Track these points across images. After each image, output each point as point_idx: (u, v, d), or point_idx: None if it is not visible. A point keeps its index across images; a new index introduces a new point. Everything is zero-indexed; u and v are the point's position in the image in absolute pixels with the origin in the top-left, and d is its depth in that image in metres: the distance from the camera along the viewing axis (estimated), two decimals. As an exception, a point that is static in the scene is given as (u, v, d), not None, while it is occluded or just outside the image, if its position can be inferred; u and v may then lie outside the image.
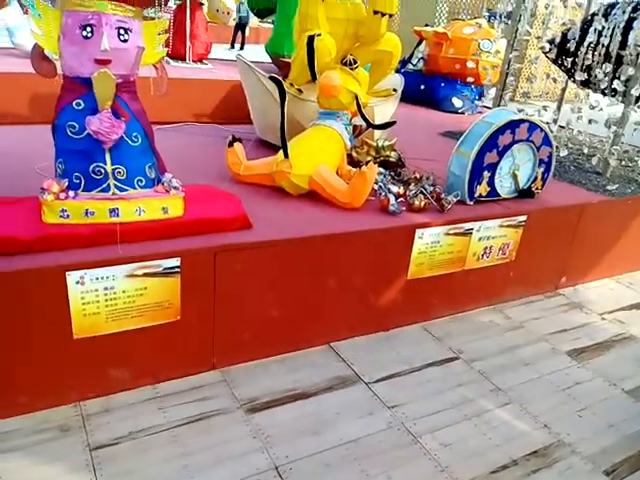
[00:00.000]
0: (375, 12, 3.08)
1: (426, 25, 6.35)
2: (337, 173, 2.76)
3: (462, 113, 5.47)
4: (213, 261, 2.02)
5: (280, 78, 2.61)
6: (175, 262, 1.95)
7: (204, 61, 5.90)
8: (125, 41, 1.86)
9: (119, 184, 1.96)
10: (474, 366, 2.45)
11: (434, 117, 5.20)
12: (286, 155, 2.54)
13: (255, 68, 3.23)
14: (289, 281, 2.25)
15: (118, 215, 1.97)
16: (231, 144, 2.73)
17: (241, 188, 2.62)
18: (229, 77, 4.46)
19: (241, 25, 14.96)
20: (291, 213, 2.45)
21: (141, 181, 2.01)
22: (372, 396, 2.18)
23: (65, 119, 1.88)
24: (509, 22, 4.16)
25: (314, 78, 3.02)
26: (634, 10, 3.34)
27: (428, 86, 5.67)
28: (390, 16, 3.13)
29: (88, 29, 1.78)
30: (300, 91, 3.18)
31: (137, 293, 1.94)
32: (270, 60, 6.12)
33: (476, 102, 5.59)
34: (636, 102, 3.40)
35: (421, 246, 2.52)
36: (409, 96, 4.69)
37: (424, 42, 5.90)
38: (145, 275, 1.92)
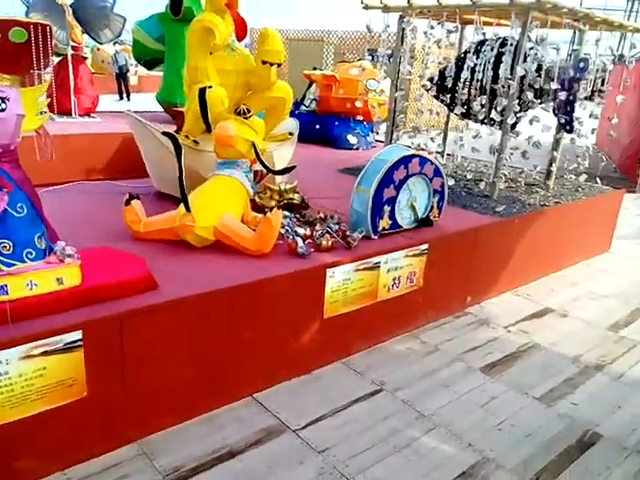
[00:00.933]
0: (264, 62, 3.16)
1: (314, 68, 6.62)
2: (242, 221, 2.75)
3: (357, 149, 5.71)
4: (119, 329, 1.91)
5: (173, 132, 2.58)
6: (76, 335, 1.82)
7: (92, 115, 5.73)
8: (2, 110, 1.77)
9: (6, 259, 1.81)
10: (398, 395, 2.49)
11: (331, 155, 5.38)
12: (188, 208, 2.49)
13: (146, 123, 3.18)
14: (203, 337, 2.18)
15: (7, 292, 1.82)
16: (128, 202, 2.64)
17: (143, 246, 2.52)
18: (120, 130, 4.35)
19: (121, 75, 14.73)
20: (199, 267, 2.39)
21: (30, 253, 1.87)
22: (301, 443, 2.14)
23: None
24: (390, 63, 4.43)
25: (209, 129, 3.03)
26: (501, 45, 3.69)
27: (323, 125, 5.87)
28: (279, 65, 3.23)
29: (-43, 99, 1.68)
30: (196, 142, 3.16)
31: (36, 375, 1.78)
32: (162, 109, 6.05)
33: (369, 138, 5.86)
34: (512, 129, 3.73)
35: (333, 285, 2.55)
36: (305, 136, 4.82)
37: (314, 84, 6.13)
38: (44, 354, 1.77)
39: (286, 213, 2.96)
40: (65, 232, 2.06)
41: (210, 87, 3.02)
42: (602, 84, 4.01)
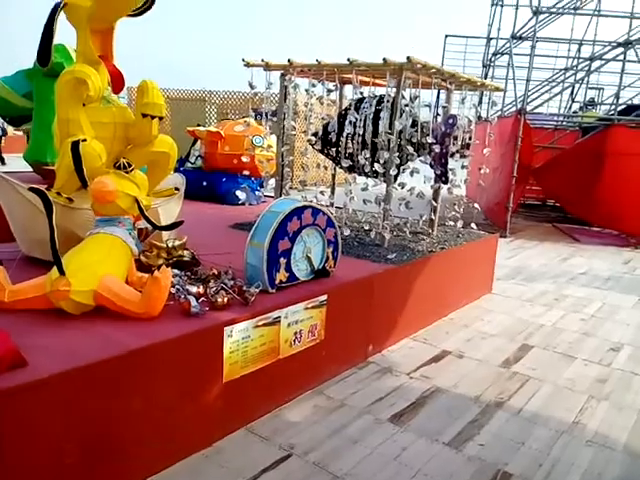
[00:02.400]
0: (144, 115, 3.02)
1: (198, 125, 6.55)
2: (127, 282, 2.50)
3: (246, 204, 5.64)
4: (-26, 420, 1.58)
5: (43, 188, 2.31)
6: None
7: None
8: None
9: None
10: (309, 459, 2.32)
11: (221, 211, 5.25)
12: (61, 271, 2.21)
13: (11, 179, 2.84)
14: (85, 416, 1.88)
15: None
16: (-12, 269, 2.29)
17: (8, 318, 2.17)
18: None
19: None
20: (76, 337, 2.09)
21: None
22: (205, 531, 1.88)
23: None
24: (275, 120, 4.49)
25: (85, 185, 2.78)
26: (379, 103, 3.89)
27: (210, 182, 5.75)
28: (160, 118, 3.10)
29: None
30: (70, 200, 2.88)
31: None
32: (31, 169, 5.60)
33: (258, 193, 5.83)
34: (395, 181, 3.89)
35: (232, 344, 2.37)
36: (192, 193, 4.66)
37: (199, 141, 6.03)
38: None
39: (176, 271, 2.76)
40: None
41: (84, 140, 2.79)
42: (469, 138, 4.37)
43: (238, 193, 5.61)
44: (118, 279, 2.40)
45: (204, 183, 5.72)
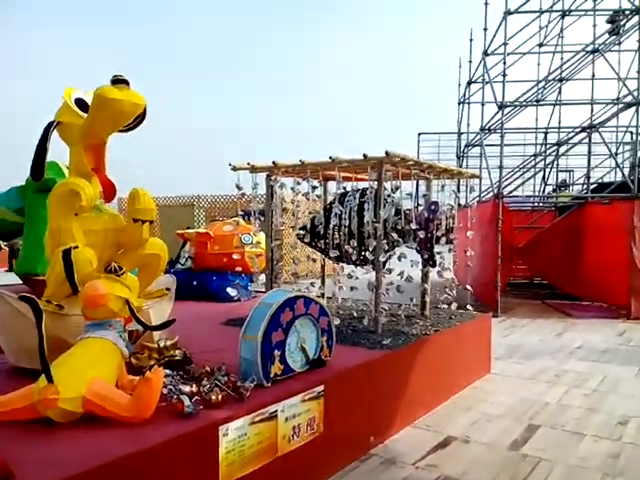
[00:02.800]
0: (135, 220, 3.12)
1: (187, 228, 6.71)
2: (117, 385, 2.44)
3: (238, 300, 5.65)
4: None
5: (33, 296, 2.33)
6: None
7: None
8: None
9: None
10: None
11: (212, 309, 5.23)
12: (50, 379, 2.16)
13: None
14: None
15: None
16: (-25, 381, 2.24)
17: (-6, 431, 2.10)
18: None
19: None
20: (66, 446, 2.01)
21: None
22: None
23: None
24: (262, 218, 4.64)
25: (76, 292, 2.81)
26: (362, 195, 4.08)
27: (200, 281, 5.79)
28: (151, 222, 3.20)
29: None
30: (60, 307, 2.89)
31: None
32: (21, 281, 5.63)
33: (249, 288, 5.86)
34: (383, 267, 3.96)
35: (228, 444, 2.28)
36: (183, 294, 4.66)
37: (188, 243, 6.15)
38: None
39: (167, 371, 2.70)
40: None
41: (76, 247, 2.86)
42: (452, 223, 4.52)
43: (229, 290, 5.63)
44: (107, 383, 2.35)
45: (195, 283, 5.76)
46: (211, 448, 2.24)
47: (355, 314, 4.40)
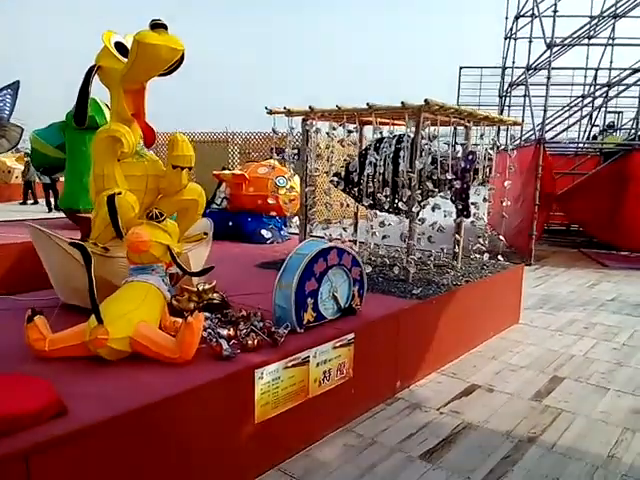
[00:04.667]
0: (174, 167, 3.18)
1: (223, 168, 6.76)
2: (160, 327, 2.60)
3: (272, 242, 5.76)
4: (25, 467, 1.67)
5: (82, 243, 2.45)
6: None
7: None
8: None
9: None
10: (340, 501, 2.34)
11: (247, 250, 5.37)
12: (100, 320, 2.32)
13: (51, 233, 3.01)
14: (128, 464, 1.95)
15: None
16: (31, 319, 2.42)
17: (50, 366, 2.29)
18: (15, 240, 4.07)
19: (28, 183, 14.42)
20: (115, 383, 2.19)
21: None
22: None
23: None
24: (298, 161, 4.64)
25: (120, 236, 2.93)
26: (398, 142, 4.01)
27: (236, 222, 5.91)
28: (190, 169, 3.25)
29: None
30: (106, 249, 3.03)
31: None
32: (64, 215, 5.86)
33: (283, 232, 5.96)
34: (416, 217, 3.96)
35: (263, 386, 2.44)
36: (219, 234, 4.79)
37: (224, 183, 6.23)
38: None
39: (207, 314, 2.85)
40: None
41: (119, 193, 2.95)
42: (490, 172, 4.44)
43: (264, 232, 5.74)
44: (152, 326, 2.51)
45: (230, 223, 5.88)
46: (247, 390, 2.40)
47: (387, 261, 4.45)
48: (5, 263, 3.95)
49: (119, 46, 3.15)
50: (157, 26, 2.80)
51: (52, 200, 13.90)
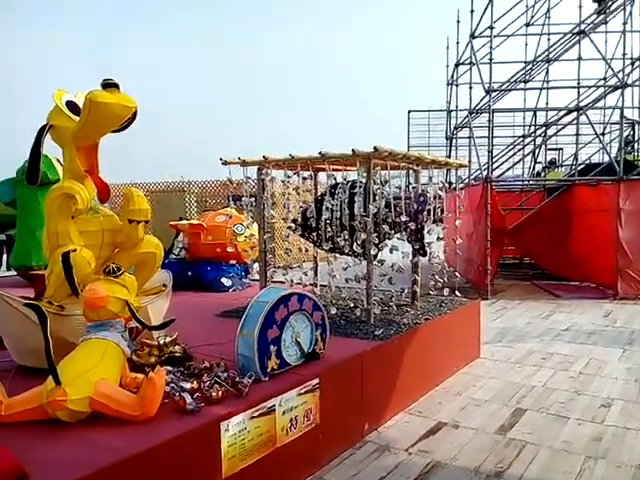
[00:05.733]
0: (130, 221, 3.18)
1: (180, 219, 6.76)
2: (121, 384, 2.54)
3: (233, 290, 5.74)
4: None
5: (37, 302, 2.40)
6: None
7: None
8: None
9: None
10: None
11: (207, 300, 5.32)
12: (57, 381, 2.26)
13: (3, 293, 2.92)
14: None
15: None
16: (-15, 385, 2.32)
17: (6, 432, 2.19)
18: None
19: None
20: (75, 446, 2.12)
21: None
22: None
23: None
24: (254, 209, 4.71)
25: (76, 293, 2.88)
26: (352, 187, 4.14)
27: (195, 272, 5.87)
28: (146, 222, 3.26)
29: None
30: (62, 307, 2.96)
31: None
32: (16, 273, 5.70)
33: (243, 279, 5.95)
34: (375, 258, 4.05)
35: (229, 439, 2.40)
36: (178, 284, 4.73)
37: (181, 233, 6.21)
38: None
39: (168, 368, 2.80)
40: None
41: (74, 250, 2.92)
42: (442, 212, 4.61)
43: (224, 280, 5.73)
44: (112, 383, 2.45)
45: (189, 273, 5.84)
46: (213, 443, 2.35)
47: (349, 304, 4.50)
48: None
49: (71, 105, 3.18)
50: (109, 85, 2.86)
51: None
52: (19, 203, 5.74)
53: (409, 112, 21.95)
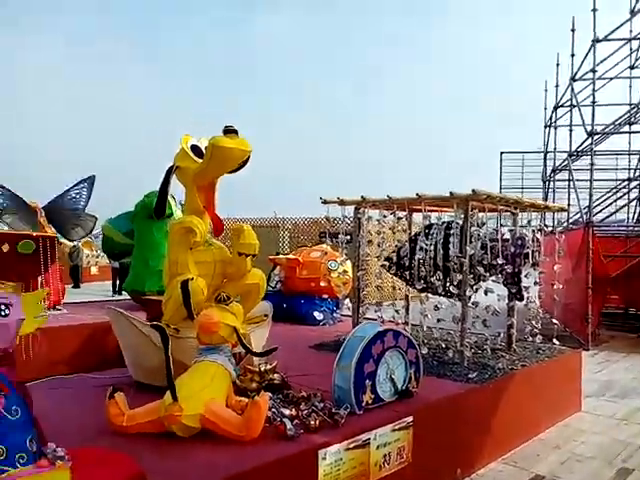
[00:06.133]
0: (240, 254, 3.44)
1: (277, 253, 7.08)
2: (226, 405, 2.73)
3: (324, 324, 5.88)
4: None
5: (162, 325, 2.68)
6: None
7: (57, 306, 5.73)
8: (5, 316, 1.85)
9: (-3, 466, 1.74)
10: None
11: (300, 332, 5.50)
12: (174, 398, 2.48)
13: (129, 315, 3.27)
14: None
15: (-6, 503, 1.71)
16: (111, 395, 2.61)
17: (126, 441, 2.44)
18: (88, 320, 4.38)
19: (75, 267, 15.55)
20: (187, 460, 2.31)
21: (22, 457, 1.82)
22: None
23: None
24: (349, 246, 4.87)
25: (191, 317, 3.14)
26: (447, 228, 4.19)
27: (289, 304, 6.09)
28: (254, 256, 3.51)
29: (-36, 309, 1.76)
30: (177, 330, 3.24)
31: None
32: (129, 297, 6.20)
33: (335, 314, 6.09)
34: (469, 300, 4.04)
35: (326, 467, 2.49)
36: (274, 315, 4.98)
37: (278, 267, 6.50)
38: None
39: (269, 394, 2.96)
40: (45, 431, 2.00)
41: (192, 279, 3.21)
42: (539, 255, 4.51)
43: (316, 314, 5.89)
44: (221, 404, 2.64)
45: (284, 305, 6.06)
46: (311, 470, 2.45)
47: (441, 344, 4.48)
48: (77, 343, 4.22)
49: (194, 148, 3.55)
50: (229, 131, 3.17)
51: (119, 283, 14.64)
52: (136, 234, 6.30)
53: (502, 154, 21.46)
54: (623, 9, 9.19)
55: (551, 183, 11.57)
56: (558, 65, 10.58)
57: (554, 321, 4.81)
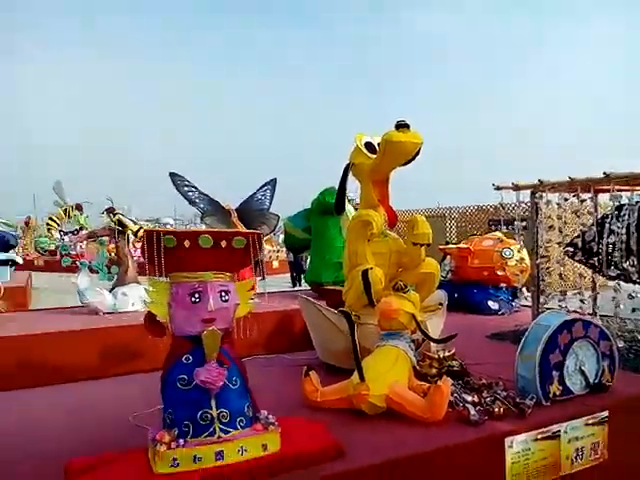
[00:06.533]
0: (414, 244, 3.54)
1: (447, 243, 7.03)
2: (408, 387, 2.86)
3: (502, 314, 5.69)
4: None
5: (348, 311, 2.92)
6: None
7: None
8: (226, 301, 2.19)
9: (223, 427, 2.10)
10: None
11: (475, 321, 5.41)
12: (362, 378, 2.69)
13: (316, 303, 3.59)
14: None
15: (223, 458, 2.06)
16: (307, 373, 2.92)
17: (320, 414, 2.71)
18: (277, 308, 4.87)
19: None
20: (377, 434, 2.49)
21: (242, 421, 2.15)
22: None
23: (176, 373, 2.09)
24: (526, 233, 4.66)
25: (372, 304, 3.34)
26: (641, 209, 3.79)
27: (461, 294, 6.01)
28: (428, 245, 3.58)
29: (196, 295, 2.12)
30: (358, 317, 3.47)
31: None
32: (309, 287, 6.71)
33: (512, 303, 5.86)
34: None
35: (513, 455, 2.48)
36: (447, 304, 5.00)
37: (448, 256, 6.46)
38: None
39: (450, 380, 3.02)
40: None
41: (371, 269, 3.41)
42: None
43: (490, 303, 5.74)
44: (404, 386, 2.79)
45: (455, 295, 6.01)
46: (497, 457, 2.47)
47: (636, 336, 4.07)
48: (271, 328, 4.74)
49: (368, 145, 3.74)
50: (401, 126, 3.28)
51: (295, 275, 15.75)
52: (313, 230, 6.79)
53: None
54: None
55: None
56: None
57: None
